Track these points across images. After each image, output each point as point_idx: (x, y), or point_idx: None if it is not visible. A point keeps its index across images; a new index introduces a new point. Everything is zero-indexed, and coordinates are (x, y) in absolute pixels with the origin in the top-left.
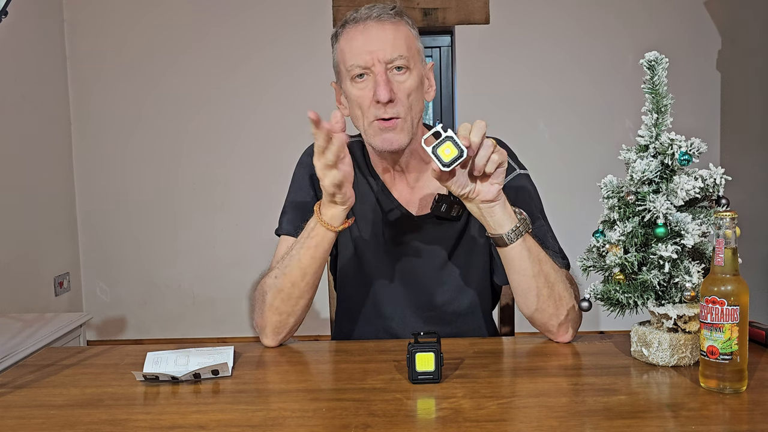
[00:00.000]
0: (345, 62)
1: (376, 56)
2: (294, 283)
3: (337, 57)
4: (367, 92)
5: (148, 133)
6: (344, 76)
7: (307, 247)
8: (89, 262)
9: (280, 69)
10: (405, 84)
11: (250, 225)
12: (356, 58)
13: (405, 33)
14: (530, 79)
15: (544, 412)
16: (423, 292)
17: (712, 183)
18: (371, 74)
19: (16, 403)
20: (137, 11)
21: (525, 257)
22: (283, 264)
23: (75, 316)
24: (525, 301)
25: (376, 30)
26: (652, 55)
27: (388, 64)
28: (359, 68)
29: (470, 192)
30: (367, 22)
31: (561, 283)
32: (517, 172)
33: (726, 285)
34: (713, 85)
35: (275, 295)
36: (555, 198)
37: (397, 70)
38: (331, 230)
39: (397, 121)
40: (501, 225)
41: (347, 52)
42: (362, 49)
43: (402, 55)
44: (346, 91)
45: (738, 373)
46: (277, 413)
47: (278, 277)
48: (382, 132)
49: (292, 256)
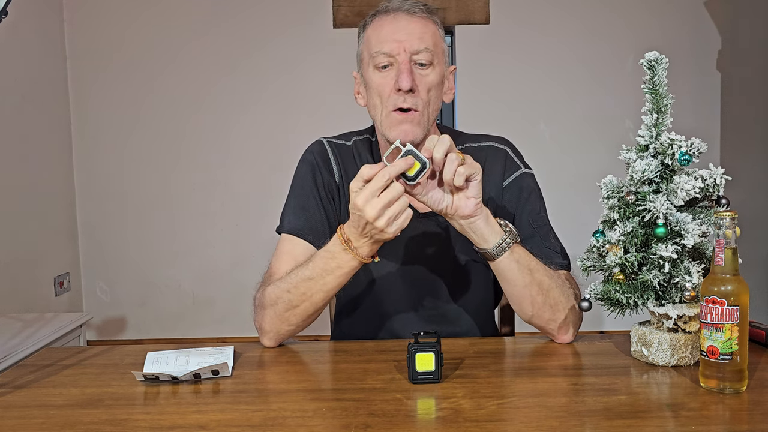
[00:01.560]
0: (370, 49)
1: (403, 45)
2: (313, 303)
3: (362, 45)
4: (389, 81)
5: (148, 132)
6: (367, 64)
7: (337, 276)
8: (89, 262)
9: (279, 68)
10: (427, 78)
11: (250, 225)
12: (382, 45)
13: (433, 30)
14: (530, 79)
15: (544, 412)
16: (425, 292)
17: (712, 183)
18: (395, 63)
19: (16, 403)
20: (137, 11)
21: (514, 269)
22: (302, 284)
23: (75, 316)
24: (520, 308)
25: (406, 21)
26: (652, 55)
27: (413, 55)
28: (384, 55)
29: (447, 207)
30: (398, 13)
31: (556, 289)
32: (522, 171)
33: (726, 285)
34: (713, 85)
35: (287, 309)
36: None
37: (420, 66)
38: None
39: (415, 114)
40: (485, 240)
41: (374, 39)
42: (390, 37)
43: (428, 49)
44: (367, 78)
45: (738, 373)
46: (277, 413)
47: (292, 292)
48: (400, 123)
49: (314, 279)
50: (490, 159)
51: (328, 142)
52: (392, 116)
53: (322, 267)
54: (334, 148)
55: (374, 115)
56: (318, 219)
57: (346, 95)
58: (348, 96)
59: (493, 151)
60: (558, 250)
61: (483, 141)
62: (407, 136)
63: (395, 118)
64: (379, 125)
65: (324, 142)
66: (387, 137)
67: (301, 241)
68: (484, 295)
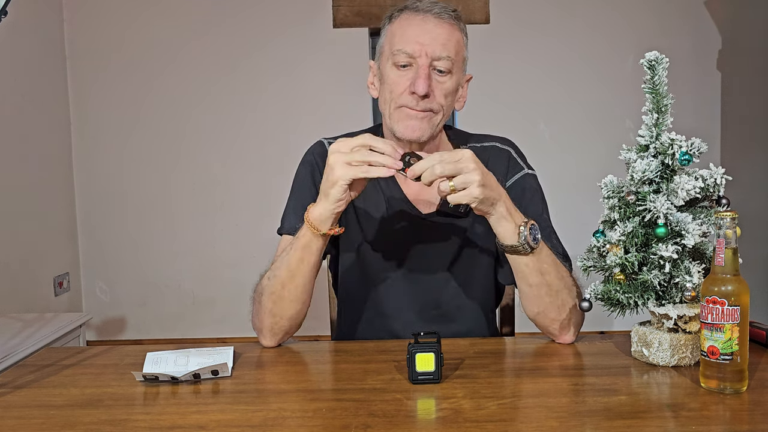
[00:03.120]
0: (393, 44)
1: (425, 49)
2: (284, 285)
3: (385, 38)
4: (405, 81)
5: (148, 132)
6: (386, 57)
7: (295, 248)
8: (89, 262)
9: (279, 68)
10: (443, 85)
11: (250, 225)
12: (405, 44)
13: (457, 38)
14: (530, 78)
15: (544, 412)
16: (426, 292)
17: (713, 183)
18: (414, 65)
19: (16, 403)
20: (137, 11)
21: (529, 268)
22: (275, 265)
23: (75, 317)
24: (528, 304)
25: (433, 25)
26: (653, 55)
27: (433, 61)
28: (405, 55)
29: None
30: (428, 15)
31: (565, 290)
32: (525, 171)
33: (726, 285)
34: (713, 85)
35: (268, 297)
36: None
37: (438, 72)
38: (316, 233)
39: (426, 113)
40: (503, 237)
41: (398, 35)
42: (414, 39)
43: (449, 57)
44: (383, 72)
45: (738, 374)
46: (277, 413)
47: (270, 278)
48: (408, 118)
49: (282, 258)
50: (493, 159)
51: (329, 143)
52: (402, 111)
53: (290, 244)
54: None
55: (383, 108)
56: None
57: (345, 95)
58: (348, 95)
59: (496, 152)
60: (560, 251)
61: (486, 141)
62: (414, 132)
63: (405, 113)
64: (388, 118)
65: (325, 143)
66: (393, 131)
67: None
68: (485, 295)
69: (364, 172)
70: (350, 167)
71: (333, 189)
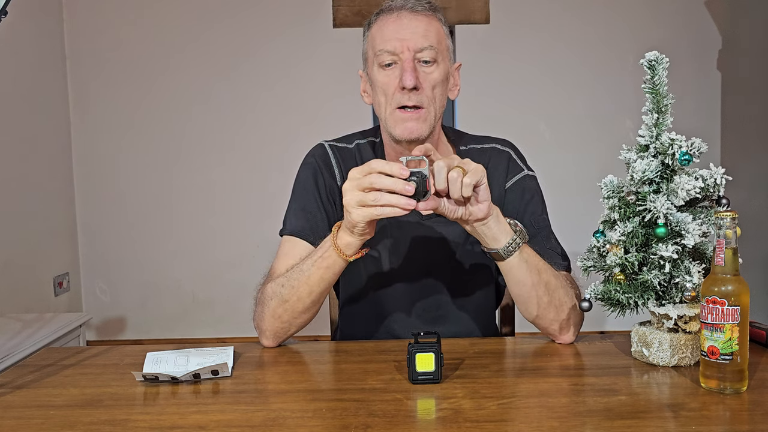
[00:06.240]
0: (374, 47)
1: (406, 44)
2: (300, 298)
3: (366, 44)
4: (393, 79)
5: (148, 132)
6: (371, 62)
7: (318, 267)
8: (89, 263)
9: (279, 68)
10: (431, 76)
11: (249, 225)
12: (386, 43)
13: (436, 27)
14: (530, 78)
15: (544, 412)
16: (426, 293)
17: (713, 183)
18: (399, 62)
19: (15, 403)
20: (136, 11)
21: (523, 269)
22: (293, 276)
23: (74, 317)
24: (526, 308)
25: (409, 20)
26: (653, 55)
27: (416, 53)
28: (388, 54)
29: (462, 215)
30: (402, 11)
31: (561, 289)
32: (525, 173)
33: (726, 285)
34: (713, 85)
35: (279, 304)
36: (555, 198)
37: (424, 63)
38: (343, 258)
39: (420, 111)
40: (496, 240)
41: (378, 37)
42: (393, 36)
43: (431, 46)
44: (371, 77)
45: (738, 374)
46: (277, 413)
47: (284, 286)
48: (404, 121)
49: (302, 271)
50: (493, 161)
51: (330, 146)
52: (397, 114)
53: (310, 259)
54: (336, 151)
55: (379, 113)
56: (319, 221)
57: (345, 95)
58: (348, 96)
59: (496, 153)
60: (559, 252)
61: (486, 143)
62: (412, 133)
63: (400, 116)
64: (384, 123)
65: (326, 145)
66: (392, 135)
67: (301, 242)
68: (485, 296)
69: (379, 214)
70: (365, 209)
71: (355, 228)
